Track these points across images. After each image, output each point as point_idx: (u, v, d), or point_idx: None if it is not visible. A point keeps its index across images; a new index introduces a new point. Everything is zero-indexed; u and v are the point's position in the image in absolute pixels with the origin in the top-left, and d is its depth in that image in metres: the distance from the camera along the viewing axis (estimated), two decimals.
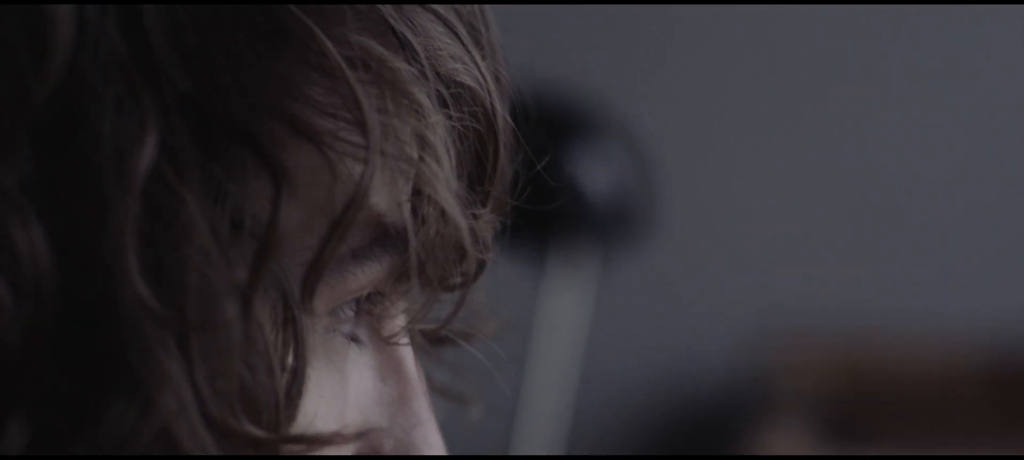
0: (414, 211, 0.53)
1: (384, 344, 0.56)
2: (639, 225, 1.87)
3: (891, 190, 2.40)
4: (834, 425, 2.25)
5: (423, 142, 0.52)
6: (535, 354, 1.80)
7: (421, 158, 0.52)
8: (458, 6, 0.55)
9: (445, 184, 0.53)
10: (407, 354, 0.56)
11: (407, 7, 0.53)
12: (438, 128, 0.53)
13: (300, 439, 0.51)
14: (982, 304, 2.36)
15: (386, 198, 0.52)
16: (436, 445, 0.56)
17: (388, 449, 0.55)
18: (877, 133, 2.40)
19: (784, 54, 2.40)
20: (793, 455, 2.11)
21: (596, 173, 1.81)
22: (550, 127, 1.83)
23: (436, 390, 0.61)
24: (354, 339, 0.55)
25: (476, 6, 0.56)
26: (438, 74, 0.53)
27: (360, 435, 0.54)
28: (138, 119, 0.48)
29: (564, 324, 1.83)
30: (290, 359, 0.51)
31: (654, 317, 2.44)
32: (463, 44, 0.54)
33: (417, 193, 0.53)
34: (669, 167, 2.15)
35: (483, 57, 0.55)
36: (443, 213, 0.53)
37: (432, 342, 0.60)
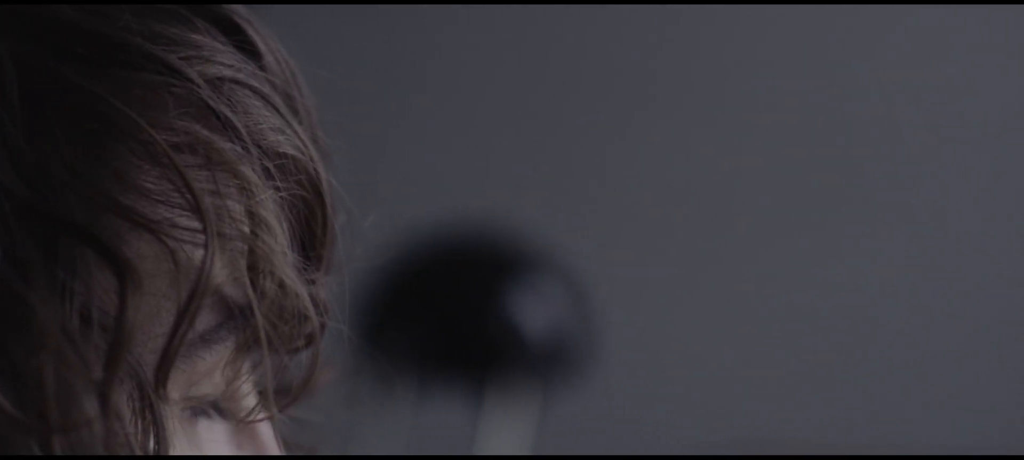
0: (253, 286, 0.54)
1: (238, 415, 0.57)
2: (578, 361, 1.87)
3: (826, 314, 2.41)
4: None
5: (256, 219, 0.54)
6: None
7: (255, 234, 0.54)
8: (272, 76, 0.56)
9: (282, 257, 0.54)
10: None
11: (225, 86, 0.54)
12: (268, 203, 0.54)
13: None
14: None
15: (228, 279, 0.54)
16: None
17: None
18: (804, 259, 2.41)
19: (719, 185, 2.42)
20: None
21: (533, 310, 1.81)
22: (486, 266, 1.83)
23: (292, 444, 0.63)
24: (208, 414, 0.56)
25: (289, 71, 0.58)
26: (261, 148, 0.55)
27: None
28: None
29: None
30: (152, 444, 0.52)
31: (595, 453, 2.43)
32: (281, 115, 0.56)
33: (254, 269, 0.54)
34: (607, 301, 2.15)
35: (301, 123, 0.57)
36: (282, 285, 0.55)
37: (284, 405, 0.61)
